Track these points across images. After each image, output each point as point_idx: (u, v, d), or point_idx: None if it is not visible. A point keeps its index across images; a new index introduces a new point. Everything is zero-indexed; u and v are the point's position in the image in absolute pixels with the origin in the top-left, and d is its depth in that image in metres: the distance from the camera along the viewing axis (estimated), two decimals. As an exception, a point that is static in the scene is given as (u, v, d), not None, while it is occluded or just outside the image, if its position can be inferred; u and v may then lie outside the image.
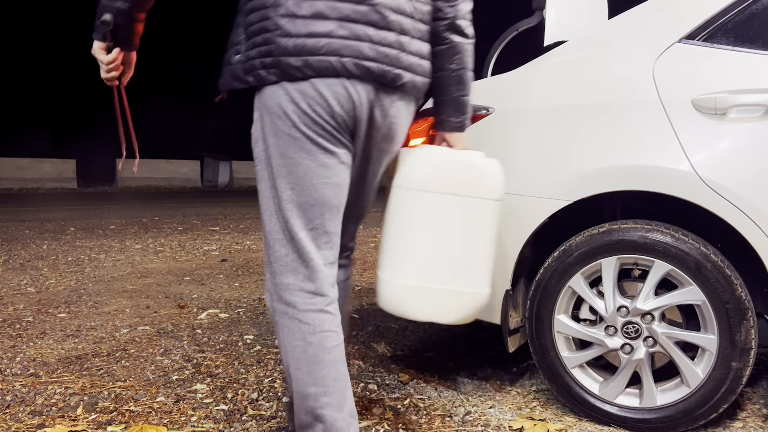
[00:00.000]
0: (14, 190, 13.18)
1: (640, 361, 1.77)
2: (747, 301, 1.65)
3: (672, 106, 1.71)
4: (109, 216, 7.96)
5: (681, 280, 1.72)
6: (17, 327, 2.81)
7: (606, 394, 1.83)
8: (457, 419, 1.88)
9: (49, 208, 9.09)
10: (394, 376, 2.25)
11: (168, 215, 8.25)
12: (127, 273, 4.21)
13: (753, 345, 1.66)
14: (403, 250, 1.53)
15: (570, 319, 1.87)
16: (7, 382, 2.12)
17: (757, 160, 1.61)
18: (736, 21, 1.73)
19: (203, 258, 4.92)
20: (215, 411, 1.91)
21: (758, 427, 1.84)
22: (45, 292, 3.56)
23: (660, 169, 1.69)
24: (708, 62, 1.72)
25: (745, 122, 1.64)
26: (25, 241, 5.53)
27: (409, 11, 1.36)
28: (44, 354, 2.43)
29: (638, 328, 1.77)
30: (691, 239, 1.70)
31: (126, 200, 11.17)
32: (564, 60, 1.96)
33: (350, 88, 1.31)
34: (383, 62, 1.32)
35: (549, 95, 1.92)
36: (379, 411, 1.93)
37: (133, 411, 1.90)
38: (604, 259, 1.79)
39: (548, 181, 1.85)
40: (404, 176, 1.50)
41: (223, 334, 2.74)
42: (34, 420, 1.82)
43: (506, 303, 1.93)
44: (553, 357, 1.88)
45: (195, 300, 3.43)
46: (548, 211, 1.84)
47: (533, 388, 2.16)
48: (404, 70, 1.36)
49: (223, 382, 2.15)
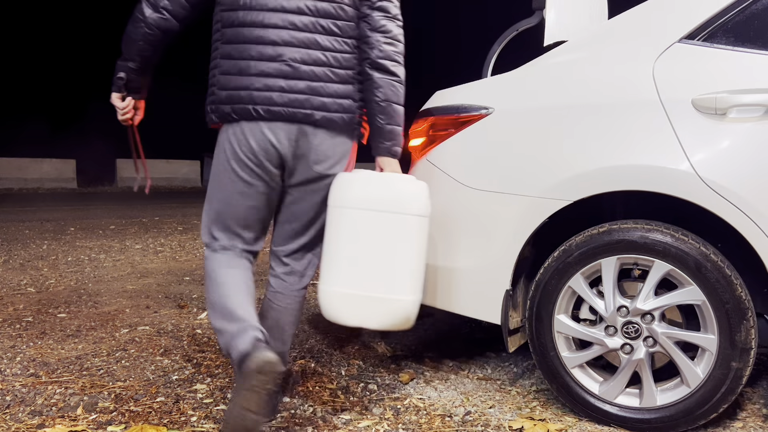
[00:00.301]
0: (14, 190, 13.18)
1: (640, 361, 1.77)
2: (747, 301, 1.65)
3: (672, 106, 1.71)
4: (109, 216, 7.96)
5: (681, 280, 1.72)
6: (17, 327, 2.81)
7: (606, 394, 1.83)
8: (457, 419, 1.88)
9: (49, 208, 9.09)
10: (394, 376, 2.25)
11: (168, 215, 8.25)
12: (127, 273, 4.21)
13: (753, 345, 1.66)
14: (334, 261, 1.75)
15: (570, 319, 1.87)
16: (7, 382, 2.12)
17: (757, 160, 1.61)
18: (736, 21, 1.73)
19: (203, 258, 4.91)
20: (215, 411, 1.91)
21: (758, 427, 1.85)
22: (45, 292, 3.56)
23: (660, 169, 1.69)
24: (708, 62, 1.72)
25: (745, 122, 1.64)
26: (25, 241, 5.53)
27: (323, 60, 1.68)
28: (44, 354, 2.43)
29: (638, 328, 1.77)
30: (691, 239, 1.70)
31: (126, 200, 11.17)
32: (564, 60, 1.96)
33: (266, 129, 1.67)
34: (292, 106, 1.66)
35: (549, 95, 1.92)
36: (379, 411, 1.93)
37: (133, 411, 1.90)
38: (604, 259, 1.79)
39: (548, 181, 1.85)
40: (334, 196, 1.74)
41: (223, 334, 2.74)
42: (34, 420, 1.82)
43: (506, 303, 1.93)
44: (553, 357, 1.88)
45: (195, 300, 3.43)
46: (548, 211, 1.84)
47: (533, 388, 2.16)
48: (315, 110, 1.68)
49: (223, 382, 2.15)
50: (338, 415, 1.90)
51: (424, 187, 1.79)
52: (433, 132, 2.15)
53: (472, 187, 2.01)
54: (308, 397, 2.03)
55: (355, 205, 1.71)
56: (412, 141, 2.26)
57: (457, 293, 2.06)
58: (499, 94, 2.02)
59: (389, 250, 1.72)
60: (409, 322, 1.79)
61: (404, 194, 1.74)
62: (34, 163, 14.10)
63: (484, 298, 1.98)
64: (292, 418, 1.87)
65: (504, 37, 2.44)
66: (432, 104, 2.19)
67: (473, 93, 2.09)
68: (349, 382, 2.18)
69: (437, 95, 2.22)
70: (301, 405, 1.97)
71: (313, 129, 1.69)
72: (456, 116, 2.08)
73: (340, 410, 1.94)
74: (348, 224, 1.72)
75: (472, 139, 2.04)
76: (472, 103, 2.06)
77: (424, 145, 2.17)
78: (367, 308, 1.74)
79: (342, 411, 1.93)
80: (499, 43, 2.44)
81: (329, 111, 1.69)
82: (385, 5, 1.72)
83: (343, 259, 1.74)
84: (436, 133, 2.14)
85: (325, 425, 1.83)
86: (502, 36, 2.44)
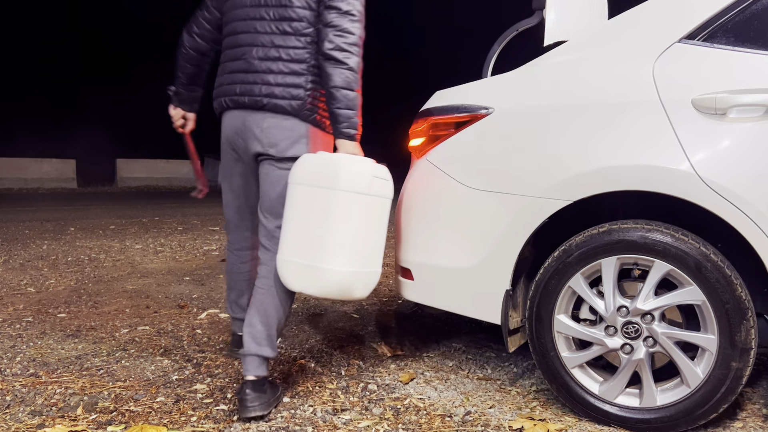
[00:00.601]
0: (14, 190, 13.18)
1: (640, 361, 1.77)
2: (747, 301, 1.65)
3: (672, 106, 1.71)
4: (109, 216, 7.96)
5: (681, 280, 1.72)
6: (17, 327, 2.81)
7: (606, 394, 1.83)
8: (457, 419, 1.88)
9: (49, 208, 9.09)
10: (394, 376, 2.25)
11: (168, 215, 8.25)
12: (127, 273, 4.21)
13: (753, 345, 1.66)
14: (284, 231, 1.94)
15: (570, 319, 1.87)
16: (7, 382, 2.12)
17: (757, 160, 1.61)
18: (736, 21, 1.73)
19: (203, 258, 4.92)
20: (215, 411, 1.91)
21: (758, 427, 1.85)
22: (45, 292, 3.56)
23: (660, 169, 1.69)
24: (708, 62, 1.72)
25: (745, 122, 1.64)
26: (25, 241, 5.53)
27: (276, 56, 1.96)
28: (44, 354, 2.43)
29: (638, 328, 1.77)
30: (691, 239, 1.70)
31: (126, 200, 11.17)
32: (564, 60, 1.96)
33: (234, 116, 2.04)
34: (247, 94, 1.98)
35: (549, 95, 1.92)
36: (379, 411, 1.93)
37: (133, 411, 1.90)
38: (604, 259, 1.79)
39: (548, 181, 1.85)
40: (290, 173, 1.95)
41: (223, 334, 2.74)
42: (34, 420, 1.82)
43: (506, 303, 1.93)
44: (553, 357, 1.88)
45: (195, 300, 3.43)
46: (548, 211, 1.84)
47: (533, 388, 2.16)
48: (264, 97, 1.95)
49: (223, 382, 2.15)
50: (338, 415, 1.90)
51: (367, 166, 1.90)
52: (433, 132, 2.15)
53: (472, 187, 2.01)
54: (308, 397, 2.03)
55: (299, 180, 1.90)
56: (412, 141, 2.26)
57: (457, 293, 2.06)
58: (499, 94, 2.02)
59: (324, 222, 1.85)
60: (350, 294, 1.92)
61: (338, 171, 1.86)
62: (34, 163, 14.10)
63: (484, 298, 1.98)
64: (292, 418, 1.87)
65: (504, 37, 2.44)
66: (432, 104, 2.19)
67: (473, 93, 2.09)
68: (349, 382, 2.18)
69: (437, 95, 2.22)
70: (301, 405, 1.97)
71: (262, 114, 1.97)
72: (456, 116, 2.08)
73: (340, 410, 1.94)
74: (293, 198, 1.91)
75: (472, 139, 2.04)
76: (472, 103, 2.06)
77: (424, 145, 2.17)
78: (306, 276, 1.88)
79: (342, 411, 1.93)
80: (499, 43, 2.44)
81: (276, 97, 1.95)
82: (336, 3, 1.90)
83: (289, 229, 1.92)
84: (436, 133, 2.14)
85: (325, 425, 1.83)
86: (502, 36, 2.44)
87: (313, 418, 1.87)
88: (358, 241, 1.89)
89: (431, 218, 2.12)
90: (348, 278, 1.88)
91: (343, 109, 1.90)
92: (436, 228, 2.10)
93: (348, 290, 1.91)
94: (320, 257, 1.86)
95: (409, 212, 2.20)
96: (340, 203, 1.85)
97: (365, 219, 1.90)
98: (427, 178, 2.14)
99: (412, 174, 2.24)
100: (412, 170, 2.25)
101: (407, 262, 2.19)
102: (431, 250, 2.11)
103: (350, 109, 1.91)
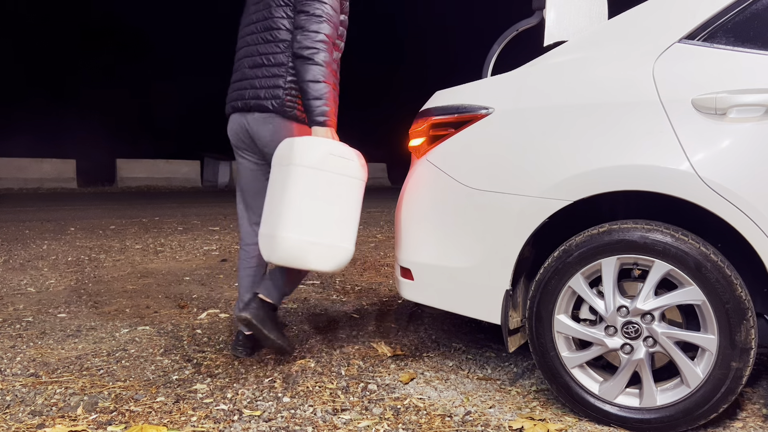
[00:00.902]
0: (14, 190, 13.17)
1: (640, 361, 1.77)
2: (747, 301, 1.65)
3: (672, 106, 1.71)
4: (109, 216, 7.96)
5: (681, 280, 1.72)
6: (17, 327, 2.81)
7: (606, 394, 1.83)
8: (457, 419, 1.88)
9: (49, 208, 9.09)
10: (394, 376, 2.25)
11: (168, 215, 8.25)
12: (127, 273, 4.21)
13: (753, 345, 1.66)
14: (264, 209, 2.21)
15: (570, 319, 1.87)
16: (7, 382, 2.12)
17: (757, 160, 1.61)
18: (736, 21, 1.73)
19: (203, 258, 4.92)
20: (215, 411, 1.91)
21: (758, 427, 1.85)
22: (45, 292, 3.56)
23: (660, 169, 1.69)
24: (708, 62, 1.72)
25: (745, 122, 1.64)
26: (25, 241, 5.53)
27: (260, 62, 2.25)
28: (44, 354, 2.43)
29: (638, 328, 1.77)
30: (691, 239, 1.70)
31: (126, 200, 11.17)
32: (564, 60, 1.96)
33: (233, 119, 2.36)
34: (239, 99, 2.30)
35: (549, 95, 1.92)
36: (379, 411, 1.93)
37: (133, 411, 1.90)
38: (604, 259, 1.79)
39: (548, 181, 1.85)
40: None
41: (223, 334, 2.74)
42: (34, 420, 1.82)
43: (506, 303, 1.93)
44: (553, 357, 1.88)
45: (195, 300, 3.43)
46: (548, 211, 1.84)
47: (533, 388, 2.16)
48: (251, 99, 2.26)
49: (223, 382, 2.15)
50: (338, 415, 1.90)
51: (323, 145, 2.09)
52: (433, 132, 2.15)
53: (472, 187, 2.01)
54: (308, 397, 2.03)
55: (273, 162, 2.19)
56: (412, 141, 2.26)
57: (457, 293, 2.06)
58: (499, 94, 2.02)
59: (281, 195, 2.08)
60: (305, 263, 2.10)
61: (292, 148, 2.08)
62: (34, 163, 14.10)
63: (484, 297, 1.98)
64: (292, 418, 1.87)
65: (504, 37, 2.44)
66: (432, 104, 2.19)
67: (473, 93, 2.09)
68: (349, 382, 2.18)
69: (437, 95, 2.22)
70: (301, 405, 1.97)
71: (251, 115, 2.27)
72: (456, 116, 2.08)
73: (340, 410, 1.94)
74: (272, 177, 2.19)
75: (472, 139, 2.04)
76: (472, 103, 2.06)
77: (424, 145, 2.18)
78: (267, 244, 2.12)
79: (342, 411, 1.93)
80: (499, 43, 2.44)
81: (260, 99, 2.24)
82: (305, 8, 2.14)
83: (265, 206, 2.21)
84: (436, 133, 2.14)
85: (325, 425, 1.83)
86: (502, 36, 2.44)
87: (313, 418, 1.87)
88: (308, 211, 2.07)
89: (431, 218, 2.12)
90: (296, 245, 2.06)
91: (311, 99, 2.12)
92: (436, 228, 2.11)
93: (301, 258, 2.09)
94: (275, 225, 2.07)
95: (409, 212, 2.20)
96: (291, 176, 2.06)
97: (317, 192, 2.08)
98: (427, 178, 2.14)
99: (412, 174, 2.24)
100: (412, 170, 2.25)
101: (407, 262, 2.19)
102: (431, 250, 2.11)
103: (318, 99, 2.12)
